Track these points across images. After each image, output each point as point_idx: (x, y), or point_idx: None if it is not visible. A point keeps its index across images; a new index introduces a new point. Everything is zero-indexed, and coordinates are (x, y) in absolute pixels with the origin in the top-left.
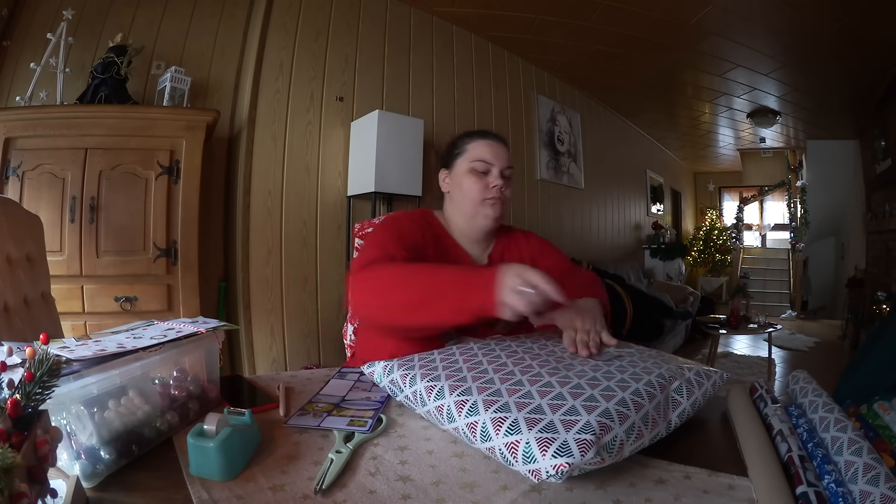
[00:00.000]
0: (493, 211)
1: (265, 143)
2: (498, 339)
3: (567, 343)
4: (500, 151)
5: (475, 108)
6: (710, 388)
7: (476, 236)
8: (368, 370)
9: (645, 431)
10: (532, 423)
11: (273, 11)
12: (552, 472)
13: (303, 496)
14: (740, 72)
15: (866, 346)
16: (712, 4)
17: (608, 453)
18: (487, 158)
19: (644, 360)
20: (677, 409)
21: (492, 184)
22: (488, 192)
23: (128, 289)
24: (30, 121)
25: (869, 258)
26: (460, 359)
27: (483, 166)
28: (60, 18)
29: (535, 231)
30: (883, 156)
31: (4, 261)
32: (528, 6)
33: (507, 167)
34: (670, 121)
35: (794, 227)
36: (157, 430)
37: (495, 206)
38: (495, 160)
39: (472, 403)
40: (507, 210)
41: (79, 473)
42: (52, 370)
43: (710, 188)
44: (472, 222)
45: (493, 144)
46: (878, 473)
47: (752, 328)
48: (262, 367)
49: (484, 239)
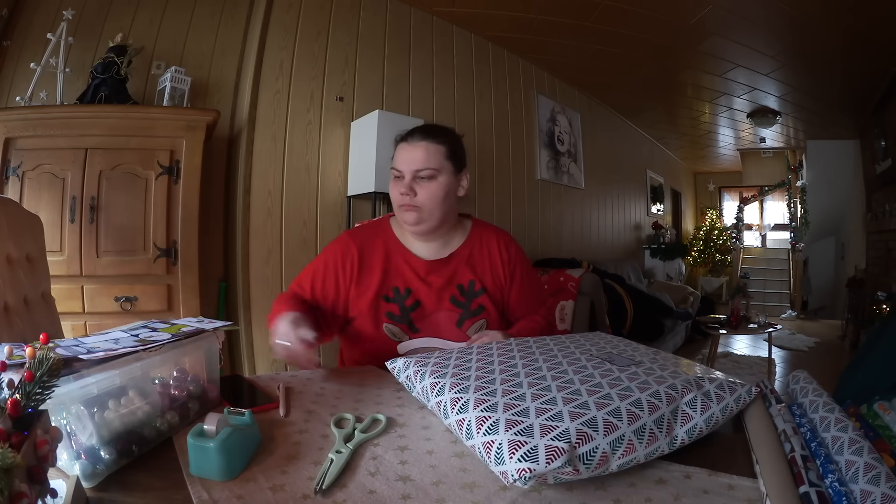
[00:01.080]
0: (407, 217)
1: (265, 143)
2: (521, 340)
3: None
4: (413, 154)
5: (475, 108)
6: (733, 403)
7: (420, 237)
8: (391, 366)
9: (637, 446)
10: (511, 425)
11: (273, 11)
12: (516, 476)
13: (303, 496)
14: (740, 72)
15: (866, 346)
16: (712, 4)
17: (585, 465)
18: (397, 165)
19: (663, 367)
20: (687, 424)
21: (401, 191)
22: (399, 198)
23: (128, 289)
24: (30, 121)
25: (869, 258)
26: (474, 358)
27: (396, 173)
28: (60, 18)
29: (536, 231)
30: (883, 156)
31: (4, 261)
32: (528, 6)
33: (419, 170)
34: (670, 121)
35: (794, 227)
36: (157, 430)
37: (409, 213)
38: (405, 166)
39: (464, 401)
40: (433, 215)
41: (79, 473)
42: (52, 370)
43: (710, 188)
44: (403, 225)
45: (408, 147)
46: (879, 473)
47: (752, 328)
48: (262, 367)
49: (436, 238)
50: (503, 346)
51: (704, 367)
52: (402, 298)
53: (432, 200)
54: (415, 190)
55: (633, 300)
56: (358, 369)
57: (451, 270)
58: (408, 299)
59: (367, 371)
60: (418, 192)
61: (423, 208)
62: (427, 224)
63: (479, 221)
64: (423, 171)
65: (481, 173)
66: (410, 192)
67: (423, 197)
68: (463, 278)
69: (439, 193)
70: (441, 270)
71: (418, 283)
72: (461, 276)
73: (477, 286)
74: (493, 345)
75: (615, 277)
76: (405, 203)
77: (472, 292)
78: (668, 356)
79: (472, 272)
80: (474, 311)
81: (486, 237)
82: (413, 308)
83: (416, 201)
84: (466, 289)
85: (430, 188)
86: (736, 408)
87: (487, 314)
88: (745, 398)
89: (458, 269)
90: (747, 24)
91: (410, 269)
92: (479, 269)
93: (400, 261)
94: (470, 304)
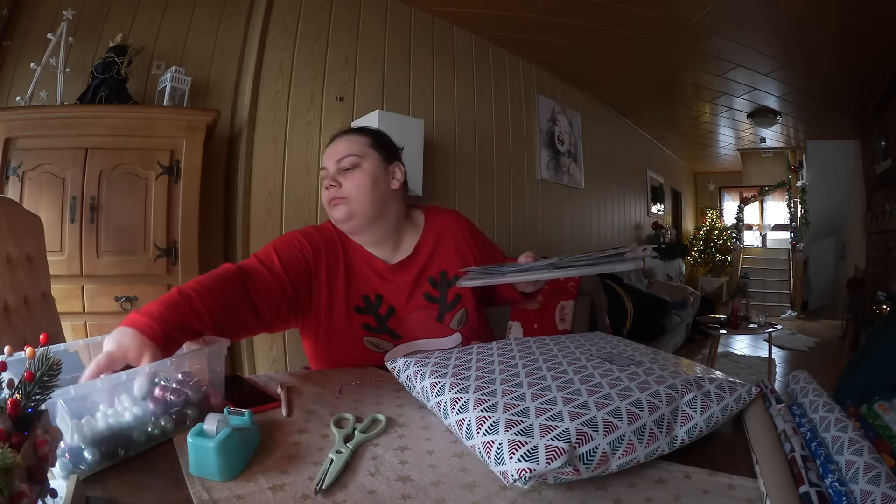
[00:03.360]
0: (336, 213)
1: (265, 143)
2: (521, 340)
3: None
4: (336, 148)
5: (475, 108)
6: (733, 403)
7: (366, 239)
8: (391, 366)
9: (638, 446)
10: (511, 425)
11: (273, 11)
12: (516, 476)
13: (303, 496)
14: (740, 72)
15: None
16: (712, 4)
17: (585, 465)
18: (323, 164)
19: (663, 367)
20: (687, 424)
21: (325, 185)
22: (326, 195)
23: (128, 289)
24: (30, 121)
25: (869, 258)
26: (474, 358)
27: (324, 173)
28: (60, 18)
29: (536, 231)
30: (883, 156)
31: (4, 261)
32: (528, 6)
33: (341, 159)
34: (670, 121)
35: (794, 227)
36: (149, 435)
37: (337, 207)
38: (328, 160)
39: (464, 401)
40: (363, 206)
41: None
42: (52, 370)
43: (711, 188)
44: (337, 225)
45: (333, 145)
46: (879, 473)
47: (752, 328)
48: (262, 367)
49: (386, 237)
50: (503, 346)
51: (704, 367)
52: (375, 307)
53: (359, 189)
54: (339, 181)
55: (632, 300)
56: (358, 369)
57: (418, 266)
58: (380, 307)
59: (367, 371)
60: (343, 183)
61: (351, 199)
62: (359, 218)
63: (429, 208)
64: (344, 159)
65: (481, 173)
66: (336, 183)
67: (347, 186)
68: (433, 270)
69: (366, 181)
70: (408, 268)
71: (386, 287)
72: (430, 268)
73: (449, 275)
74: (492, 345)
75: (615, 277)
76: (333, 197)
77: (444, 283)
78: (668, 356)
79: (440, 262)
80: (452, 302)
81: (443, 223)
82: (388, 316)
83: (341, 192)
84: (439, 280)
85: (355, 177)
86: (736, 408)
87: (466, 303)
88: (745, 398)
89: (425, 262)
90: (747, 24)
91: (374, 273)
92: (447, 257)
93: (361, 264)
94: (446, 297)
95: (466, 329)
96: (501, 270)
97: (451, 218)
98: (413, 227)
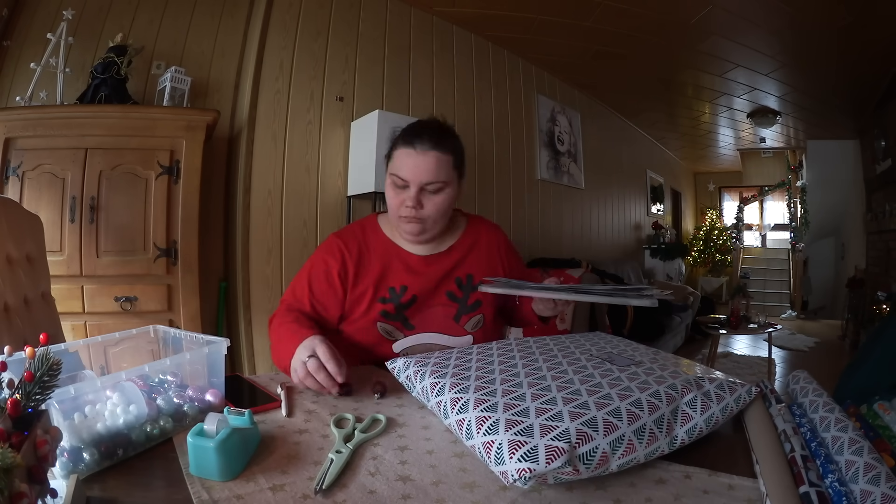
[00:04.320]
0: (409, 228)
1: (265, 143)
2: (521, 340)
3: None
4: (422, 164)
5: (475, 108)
6: (733, 403)
7: (414, 240)
8: (391, 366)
9: (638, 446)
10: (511, 425)
11: (273, 11)
12: (516, 476)
13: (303, 496)
14: (740, 72)
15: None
16: (712, 4)
17: (585, 465)
18: (402, 174)
19: (663, 367)
20: (687, 424)
21: (405, 203)
22: (402, 209)
23: (128, 289)
24: (30, 121)
25: (869, 258)
26: (474, 357)
27: (399, 181)
28: (60, 18)
29: (536, 231)
30: (883, 156)
31: (4, 261)
32: (528, 6)
33: (429, 183)
34: (670, 121)
35: (794, 227)
36: (147, 435)
37: (411, 224)
38: (412, 177)
39: (464, 401)
40: (436, 226)
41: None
42: (51, 370)
43: (711, 188)
44: (398, 231)
45: (415, 155)
46: (879, 473)
47: (752, 328)
48: (262, 367)
49: (429, 239)
50: (503, 346)
51: (704, 367)
52: (398, 297)
53: (438, 213)
54: (422, 203)
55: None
56: (358, 369)
57: (449, 264)
58: (403, 296)
59: (368, 371)
60: (425, 205)
61: (428, 220)
62: (429, 234)
63: (474, 216)
64: (432, 184)
65: (481, 173)
66: (418, 205)
67: (429, 210)
68: (461, 272)
69: (446, 206)
70: (438, 263)
71: (414, 279)
72: (459, 269)
73: (475, 280)
74: (492, 345)
75: (615, 277)
76: (410, 215)
77: (469, 286)
78: (668, 356)
79: (470, 266)
80: (471, 305)
81: (483, 232)
82: (409, 304)
83: (421, 214)
84: (465, 283)
85: (438, 201)
86: (736, 408)
87: (484, 308)
88: (745, 398)
89: (456, 262)
90: (747, 24)
91: (405, 267)
92: (477, 263)
93: (396, 261)
94: (467, 299)
95: (480, 334)
96: (523, 285)
97: (491, 229)
98: (454, 228)
